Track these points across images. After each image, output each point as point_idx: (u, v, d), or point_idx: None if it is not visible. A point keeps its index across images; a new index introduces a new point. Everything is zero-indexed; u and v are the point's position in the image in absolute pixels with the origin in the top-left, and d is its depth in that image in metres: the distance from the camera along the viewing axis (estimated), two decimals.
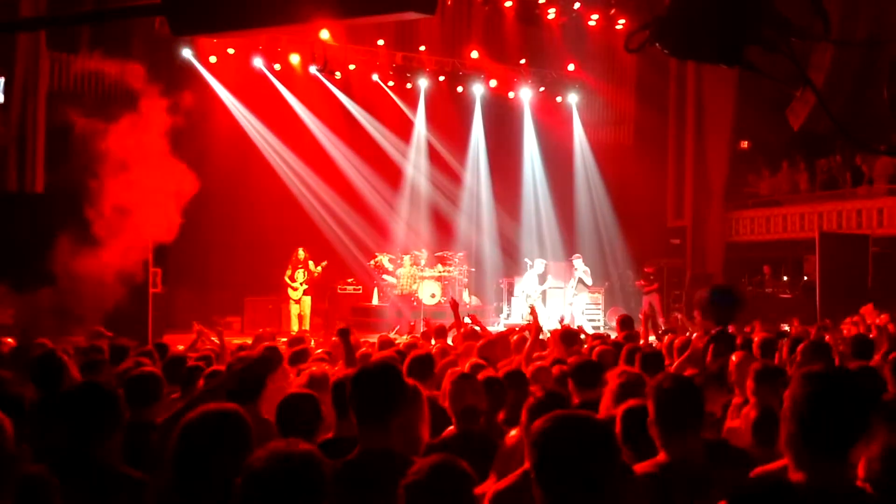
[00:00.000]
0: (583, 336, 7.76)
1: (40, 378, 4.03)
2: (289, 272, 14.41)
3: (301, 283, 14.35)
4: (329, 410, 3.58)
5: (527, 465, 2.75)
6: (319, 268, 14.49)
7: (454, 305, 7.88)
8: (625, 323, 7.84)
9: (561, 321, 13.66)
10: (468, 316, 8.88)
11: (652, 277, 16.79)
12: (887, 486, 2.26)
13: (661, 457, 2.82)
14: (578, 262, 16.04)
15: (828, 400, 2.13)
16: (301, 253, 14.50)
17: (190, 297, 14.92)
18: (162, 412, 3.78)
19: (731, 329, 5.78)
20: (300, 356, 6.02)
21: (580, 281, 15.86)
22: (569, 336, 6.79)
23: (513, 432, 3.51)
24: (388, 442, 2.84)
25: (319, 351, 6.72)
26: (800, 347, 5.26)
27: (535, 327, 6.38)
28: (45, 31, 11.64)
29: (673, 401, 2.83)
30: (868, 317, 9.66)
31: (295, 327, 13.97)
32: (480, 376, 4.21)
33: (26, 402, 3.25)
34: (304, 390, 3.79)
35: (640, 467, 2.82)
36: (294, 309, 14.42)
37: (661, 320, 15.21)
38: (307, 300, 14.46)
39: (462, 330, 7.30)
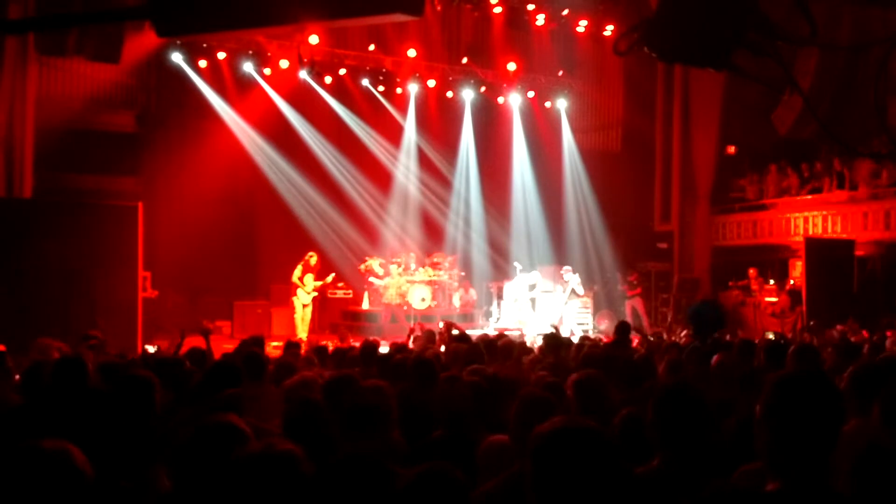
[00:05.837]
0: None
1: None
2: (298, 273, 13.97)
3: (313, 289, 14.02)
4: None
5: (515, 467, 2.75)
6: (329, 278, 14.30)
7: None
8: (618, 329, 7.85)
9: (559, 323, 13.95)
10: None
11: (634, 283, 16.93)
12: (866, 491, 2.19)
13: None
14: (569, 274, 16.18)
15: (800, 405, 2.05)
16: (314, 258, 14.18)
17: (180, 301, 14.86)
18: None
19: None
20: None
21: (573, 291, 16.07)
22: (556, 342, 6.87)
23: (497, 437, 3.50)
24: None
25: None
26: (789, 352, 5.25)
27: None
28: (33, 34, 11.55)
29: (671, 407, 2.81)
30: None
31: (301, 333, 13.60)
32: (467, 380, 4.22)
33: None
34: None
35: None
36: (300, 312, 13.96)
37: (646, 324, 15.39)
38: (310, 307, 14.16)
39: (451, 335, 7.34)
